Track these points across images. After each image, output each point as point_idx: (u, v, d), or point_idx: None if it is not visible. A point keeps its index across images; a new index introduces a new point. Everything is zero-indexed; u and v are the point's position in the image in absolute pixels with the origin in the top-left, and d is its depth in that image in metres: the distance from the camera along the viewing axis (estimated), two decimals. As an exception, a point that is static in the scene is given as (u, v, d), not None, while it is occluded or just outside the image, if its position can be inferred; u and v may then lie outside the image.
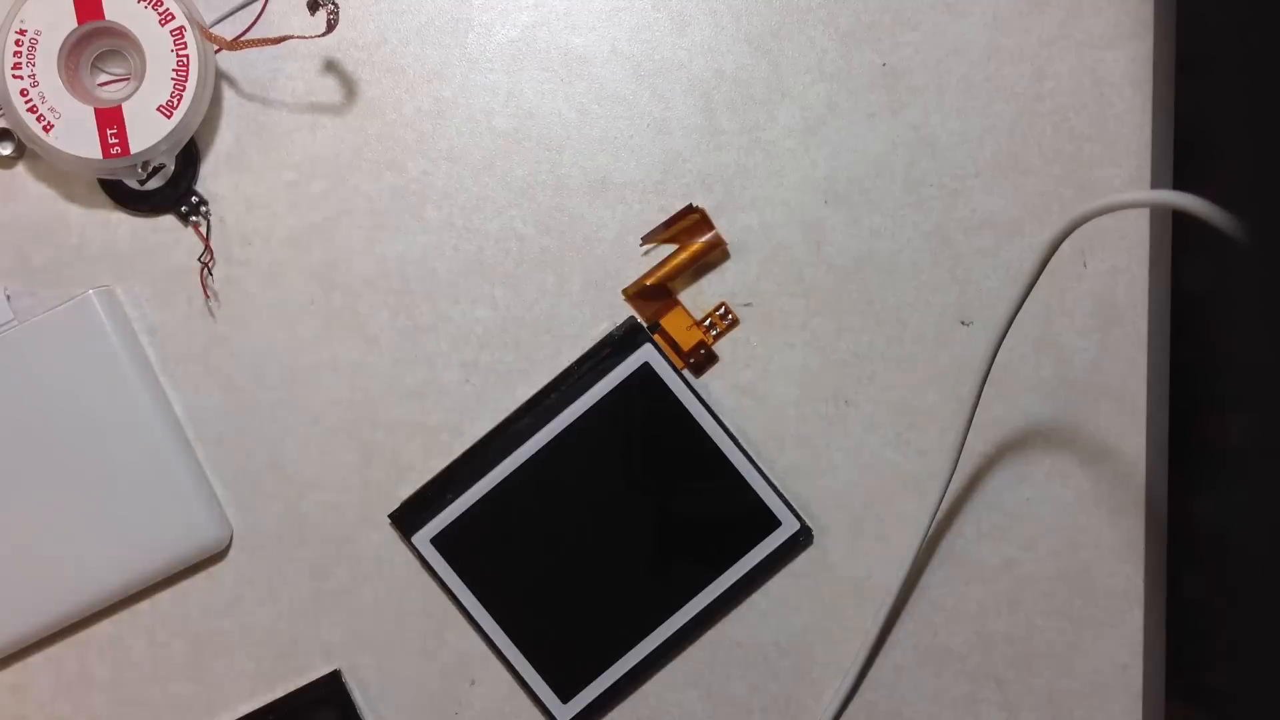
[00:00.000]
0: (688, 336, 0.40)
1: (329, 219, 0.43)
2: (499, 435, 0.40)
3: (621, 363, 0.39)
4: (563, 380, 0.39)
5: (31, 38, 0.40)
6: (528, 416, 0.40)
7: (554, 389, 0.40)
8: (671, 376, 0.39)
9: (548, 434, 0.39)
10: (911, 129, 0.43)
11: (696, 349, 0.40)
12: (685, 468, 0.39)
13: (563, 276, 0.43)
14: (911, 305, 0.43)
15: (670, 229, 0.40)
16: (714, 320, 0.41)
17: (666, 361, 0.39)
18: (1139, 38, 0.42)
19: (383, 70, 0.43)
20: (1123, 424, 0.42)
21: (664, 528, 0.39)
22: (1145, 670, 0.43)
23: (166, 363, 0.43)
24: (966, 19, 0.43)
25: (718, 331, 0.41)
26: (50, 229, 0.43)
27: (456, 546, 0.41)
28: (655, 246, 0.41)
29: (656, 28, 0.43)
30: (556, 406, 0.39)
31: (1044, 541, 0.43)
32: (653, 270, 0.40)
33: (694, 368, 0.41)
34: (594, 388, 0.39)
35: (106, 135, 0.40)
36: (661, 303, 0.40)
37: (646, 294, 0.40)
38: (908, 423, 0.43)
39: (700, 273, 0.43)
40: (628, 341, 0.39)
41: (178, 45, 0.40)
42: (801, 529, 0.39)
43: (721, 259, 0.42)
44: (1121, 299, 0.42)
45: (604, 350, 0.39)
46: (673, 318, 0.40)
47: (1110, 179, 0.43)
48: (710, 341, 0.40)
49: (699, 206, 0.39)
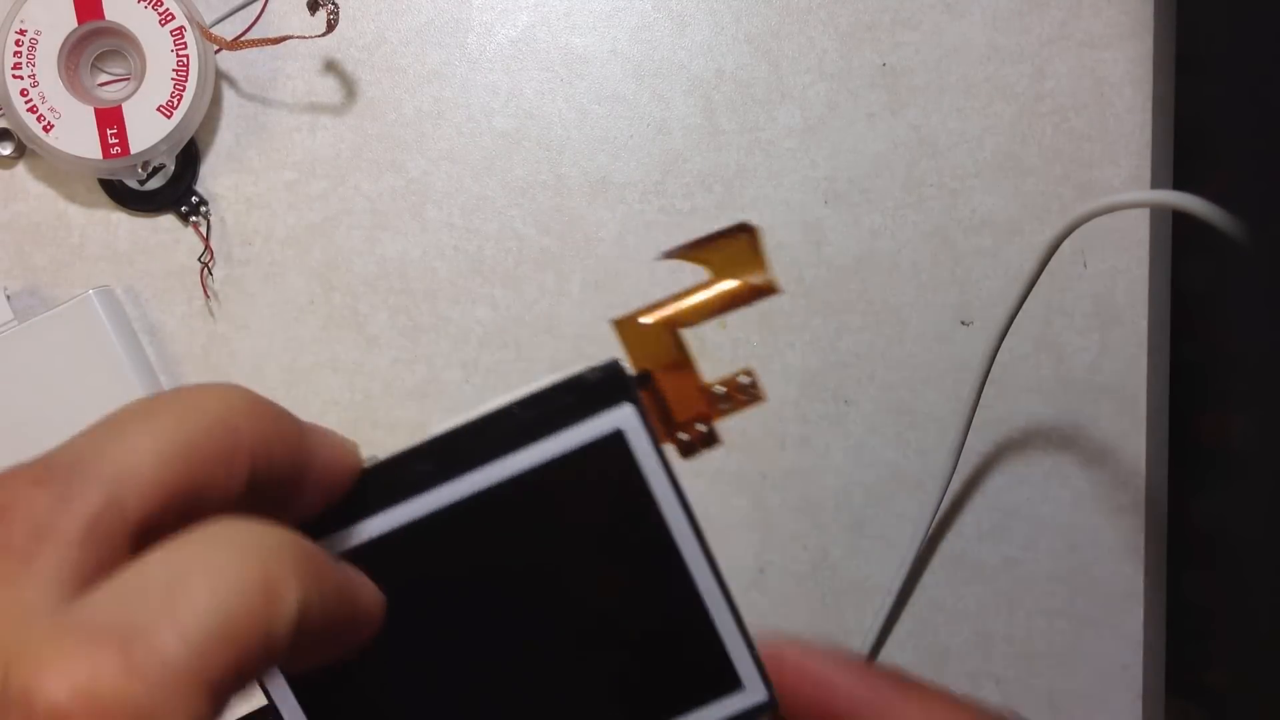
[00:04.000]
0: (687, 402, 0.28)
1: (329, 219, 0.43)
2: (381, 476, 0.24)
3: (585, 421, 0.25)
4: (494, 423, 0.25)
5: (31, 38, 0.40)
6: (427, 461, 0.24)
7: (478, 432, 0.25)
8: (649, 457, 0.25)
9: (450, 494, 0.24)
10: (911, 129, 0.43)
11: (693, 422, 0.27)
12: (634, 587, 0.26)
13: (563, 276, 0.43)
14: (911, 305, 0.43)
15: (704, 250, 0.28)
16: (731, 390, 0.27)
17: (649, 434, 0.25)
18: (1139, 37, 0.42)
19: (383, 70, 0.43)
20: (1123, 424, 0.42)
21: (585, 660, 0.26)
22: (1145, 670, 0.43)
23: (166, 362, 0.43)
24: (966, 19, 0.43)
25: (730, 405, 0.27)
26: (50, 229, 0.43)
27: None
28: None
29: (656, 28, 0.43)
30: (473, 457, 0.24)
31: (1044, 541, 0.43)
32: (665, 301, 0.27)
33: (683, 448, 0.27)
34: (535, 446, 0.25)
35: (106, 135, 0.40)
36: (664, 349, 0.27)
37: (645, 332, 0.27)
38: (908, 422, 0.43)
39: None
40: (601, 393, 0.25)
41: (178, 45, 0.40)
42: (768, 700, 0.27)
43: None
44: (1121, 299, 0.42)
45: (564, 397, 0.25)
46: (675, 374, 0.28)
47: (1110, 179, 0.43)
48: (715, 417, 0.27)
49: (754, 226, 0.27)
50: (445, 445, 0.25)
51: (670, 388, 0.27)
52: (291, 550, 0.18)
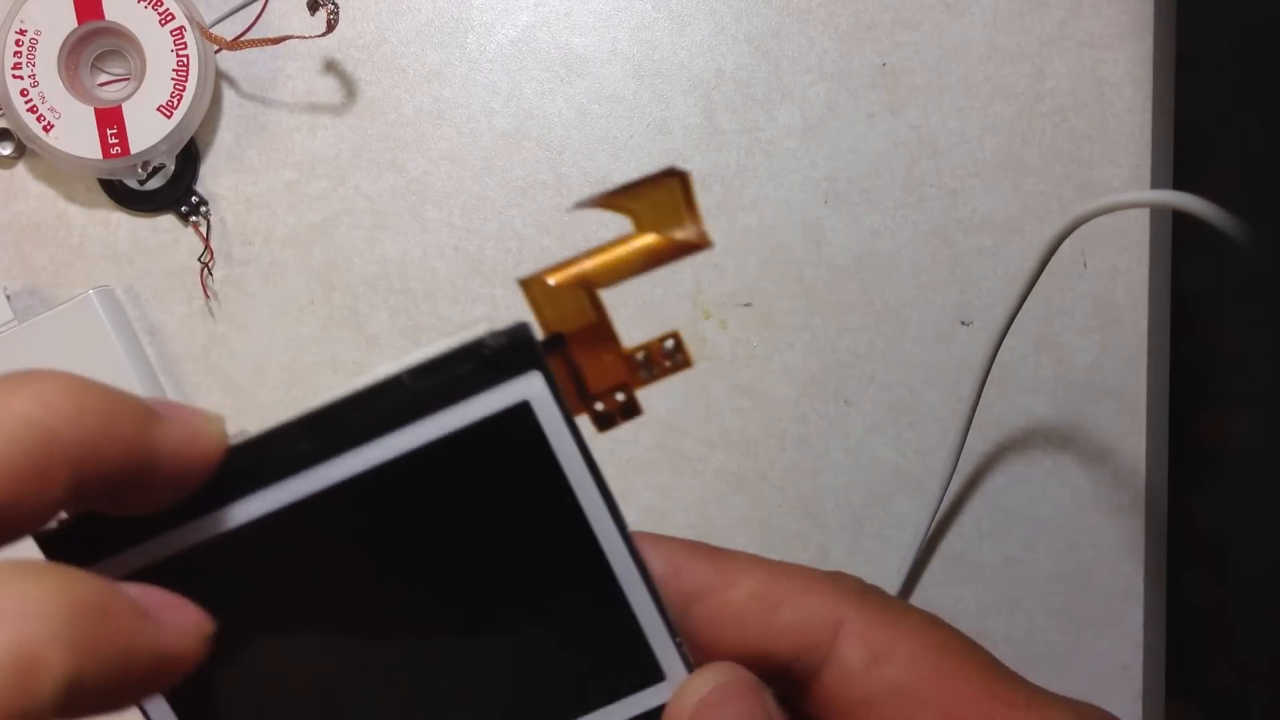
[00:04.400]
0: (603, 369, 0.24)
1: (329, 219, 0.43)
2: (251, 456, 0.22)
3: (488, 390, 0.22)
4: (380, 395, 0.22)
5: (31, 38, 0.40)
6: (304, 438, 0.22)
7: (362, 404, 0.22)
8: (560, 431, 0.22)
9: (332, 473, 0.21)
10: (911, 129, 0.43)
11: (611, 392, 0.24)
12: (544, 576, 0.23)
13: (563, 276, 0.43)
14: (911, 305, 0.43)
15: (625, 198, 0.24)
16: (653, 354, 0.24)
17: (558, 405, 0.22)
18: (1139, 37, 0.42)
19: (383, 70, 0.43)
20: (1123, 424, 0.42)
21: (488, 658, 0.23)
22: (1145, 670, 0.43)
23: (166, 362, 0.43)
24: (966, 19, 0.42)
25: (653, 372, 0.24)
26: (50, 229, 0.43)
27: None
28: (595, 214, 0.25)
29: (656, 28, 0.43)
30: (360, 432, 0.21)
31: (1044, 541, 0.43)
32: (579, 258, 0.24)
33: (598, 419, 0.24)
34: (430, 418, 0.21)
35: (106, 135, 0.40)
36: (578, 311, 0.24)
37: (555, 293, 0.24)
38: (908, 422, 0.43)
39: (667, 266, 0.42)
40: (505, 361, 0.22)
41: (178, 45, 0.40)
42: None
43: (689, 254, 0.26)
44: (1121, 299, 0.42)
45: (462, 364, 0.22)
46: (590, 337, 0.24)
47: (1110, 179, 0.43)
48: (637, 385, 0.24)
49: (684, 171, 0.23)
50: (324, 420, 0.22)
51: (585, 354, 0.24)
52: (62, 614, 0.15)
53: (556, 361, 0.23)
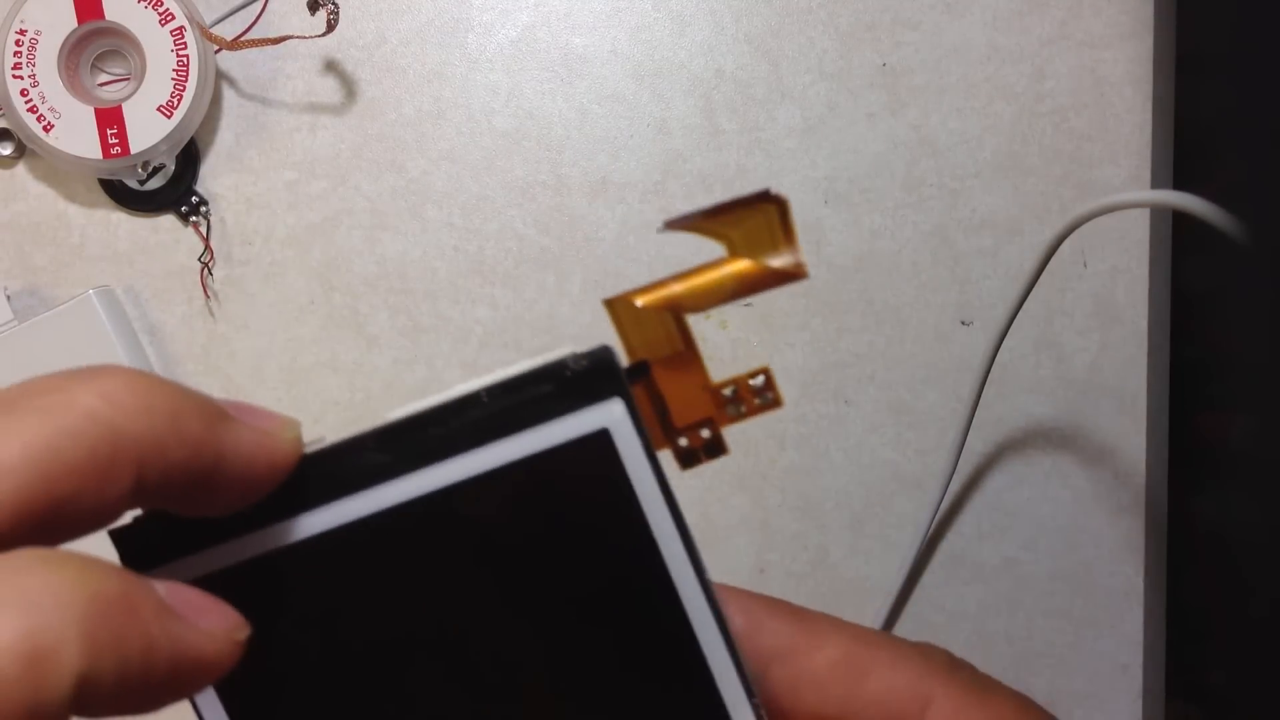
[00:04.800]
0: (689, 402, 0.23)
1: (329, 219, 0.43)
2: (326, 465, 0.21)
3: (565, 416, 0.21)
4: (458, 412, 0.21)
5: (31, 38, 0.40)
6: (380, 450, 0.21)
7: (439, 421, 0.21)
8: (640, 464, 0.21)
9: (406, 489, 0.21)
10: (911, 129, 0.43)
11: (696, 428, 0.23)
12: (615, 616, 0.21)
13: (563, 276, 0.43)
14: (911, 305, 0.43)
15: (718, 222, 0.22)
16: (742, 391, 0.23)
17: (640, 437, 0.21)
18: (1139, 37, 0.42)
19: (383, 70, 0.43)
20: (1123, 424, 0.42)
21: (553, 694, 0.22)
22: (1146, 670, 0.43)
23: (166, 362, 0.43)
24: (966, 19, 0.42)
25: (740, 410, 0.23)
26: (50, 229, 0.43)
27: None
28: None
29: (657, 28, 0.43)
30: (436, 449, 0.21)
31: (1044, 541, 0.43)
32: (669, 280, 0.23)
33: (682, 456, 0.23)
34: (506, 441, 0.21)
35: (107, 135, 0.40)
36: (664, 337, 0.23)
37: (642, 316, 0.23)
38: (908, 422, 0.43)
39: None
40: (586, 385, 0.21)
41: (178, 45, 0.40)
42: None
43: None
44: (1121, 299, 0.42)
45: (542, 386, 0.21)
46: (678, 367, 0.23)
47: (1110, 179, 0.42)
48: (723, 422, 0.23)
49: (782, 197, 0.22)
50: (400, 434, 0.21)
51: (670, 384, 0.23)
52: (79, 606, 0.15)
53: (640, 390, 0.22)
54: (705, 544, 0.43)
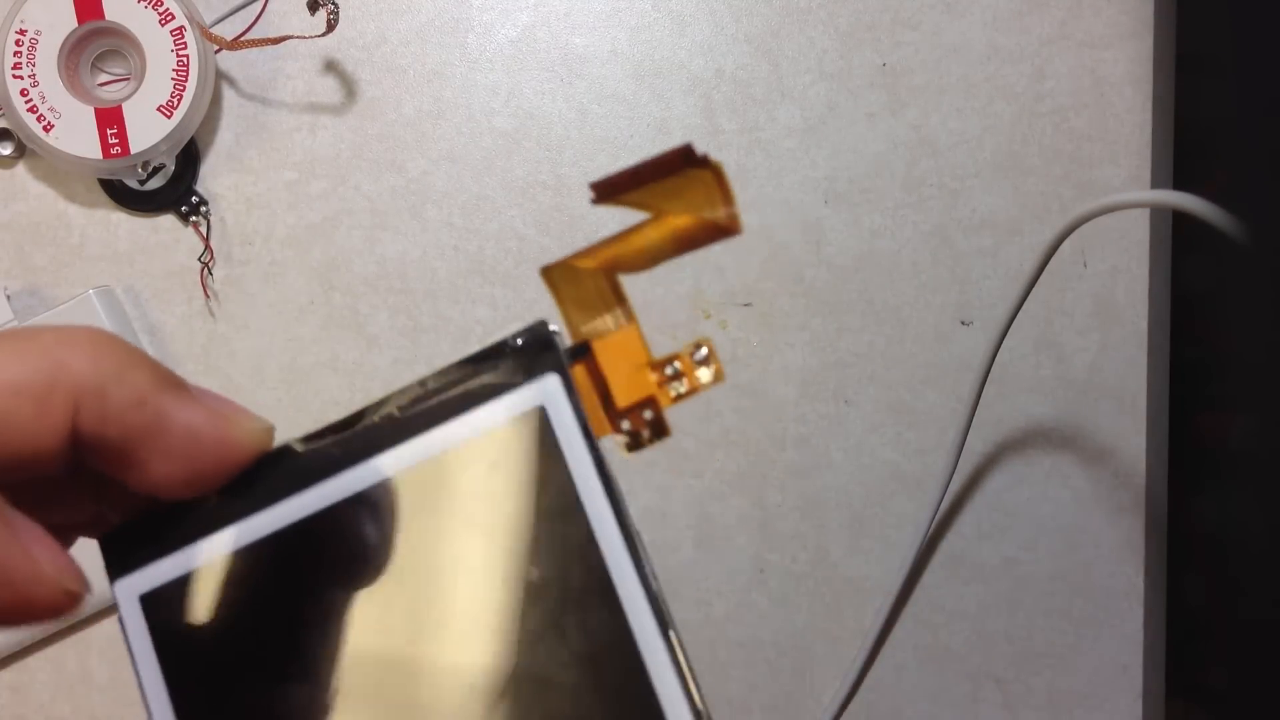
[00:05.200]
0: (632, 382, 0.22)
1: (329, 219, 0.43)
2: (280, 463, 0.22)
3: (503, 395, 0.21)
4: (404, 398, 0.22)
5: (32, 38, 0.40)
6: (335, 441, 0.22)
7: (383, 409, 0.22)
8: (577, 447, 0.20)
9: (362, 478, 0.21)
10: (911, 129, 0.43)
11: (638, 409, 0.22)
12: (552, 599, 0.20)
13: (563, 276, 0.43)
14: (911, 305, 0.43)
15: (646, 183, 0.22)
16: (684, 365, 0.22)
17: (576, 416, 0.20)
18: (1139, 37, 0.42)
19: (383, 70, 0.43)
20: (1123, 424, 0.42)
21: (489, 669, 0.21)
22: (1145, 670, 0.43)
23: (166, 362, 0.43)
24: (966, 19, 0.42)
25: (684, 390, 0.22)
26: (50, 229, 0.43)
27: (176, 623, 0.21)
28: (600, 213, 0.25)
29: (656, 28, 0.43)
30: (379, 439, 0.21)
31: (1044, 541, 0.43)
32: (600, 245, 0.22)
33: (627, 439, 0.22)
34: (445, 424, 0.21)
35: (106, 135, 0.40)
36: (601, 298, 0.22)
37: (580, 283, 0.22)
38: (908, 422, 0.43)
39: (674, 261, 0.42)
40: (524, 361, 0.21)
41: (178, 45, 0.40)
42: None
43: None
44: (1121, 299, 0.42)
45: (483, 367, 0.21)
46: (617, 341, 0.22)
47: (1110, 179, 0.42)
48: (666, 402, 0.22)
49: (713, 160, 0.21)
50: (349, 427, 0.22)
51: (611, 363, 0.22)
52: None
53: (581, 371, 0.22)
54: (704, 544, 0.43)
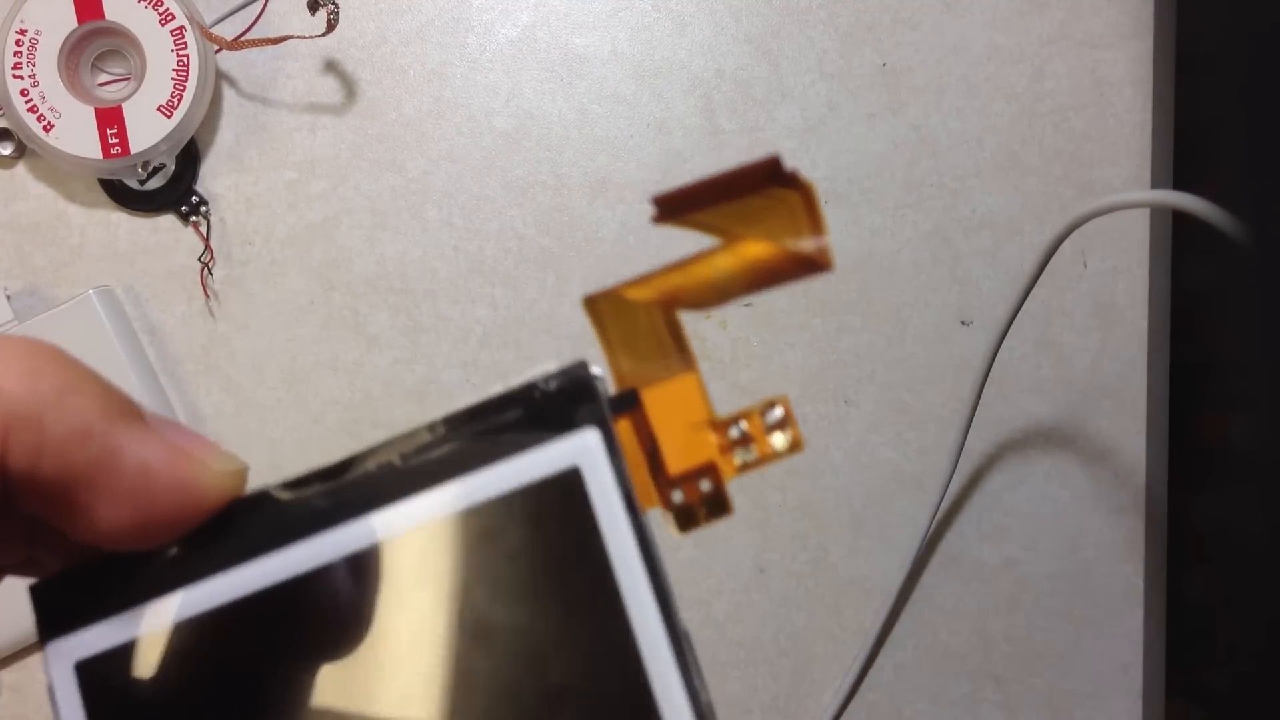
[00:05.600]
0: (688, 444, 0.18)
1: (329, 219, 0.43)
2: (254, 513, 0.18)
3: (529, 451, 0.17)
4: (408, 445, 0.17)
5: (32, 38, 0.40)
6: (322, 491, 0.17)
7: (381, 458, 0.17)
8: (617, 520, 0.17)
9: (349, 539, 0.17)
10: (911, 129, 0.42)
11: (694, 477, 0.18)
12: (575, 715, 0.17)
13: (563, 276, 0.43)
14: (911, 305, 0.43)
15: (720, 200, 0.17)
16: (753, 428, 0.18)
17: (619, 483, 0.17)
18: (1139, 37, 0.42)
19: (383, 70, 0.43)
20: (1123, 424, 0.42)
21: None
22: (1145, 670, 0.43)
23: (166, 362, 0.43)
24: (966, 19, 0.42)
25: (752, 459, 0.18)
26: (50, 229, 0.43)
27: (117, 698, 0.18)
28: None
29: (657, 28, 0.43)
30: (375, 492, 0.17)
31: (1044, 541, 0.43)
32: (659, 273, 0.18)
33: (678, 515, 0.18)
34: (456, 481, 0.17)
35: (107, 135, 0.40)
36: (657, 343, 0.18)
37: (631, 318, 0.18)
38: (908, 422, 0.43)
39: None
40: (558, 410, 0.17)
41: (178, 45, 0.40)
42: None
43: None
44: (1121, 299, 0.42)
45: (506, 414, 0.17)
46: (673, 392, 0.18)
47: (1110, 179, 0.42)
48: (729, 472, 0.18)
49: (801, 177, 0.17)
50: (340, 475, 0.17)
51: (664, 418, 0.17)
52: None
53: (626, 425, 0.18)
54: (704, 544, 0.43)
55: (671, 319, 0.18)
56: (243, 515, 0.17)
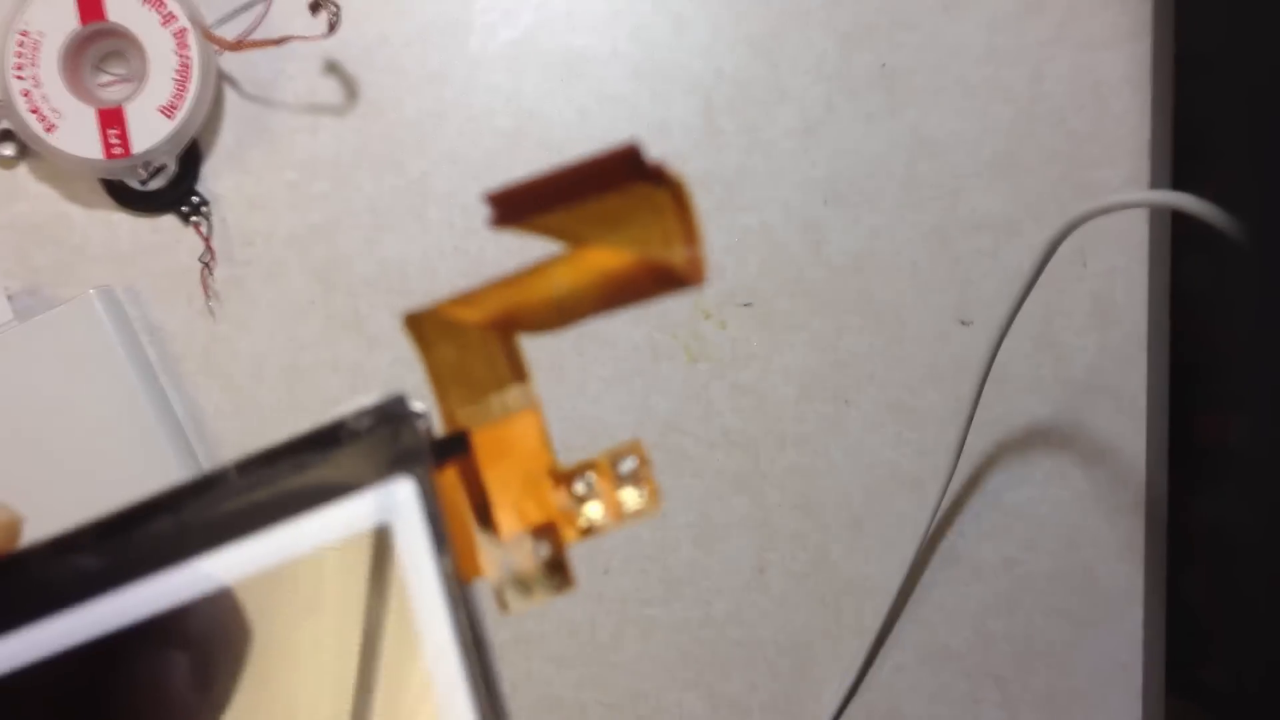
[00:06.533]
0: (525, 499, 0.14)
1: (330, 219, 0.43)
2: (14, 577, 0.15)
3: (332, 503, 0.14)
4: (197, 496, 0.14)
5: (34, 39, 0.40)
6: (92, 553, 0.15)
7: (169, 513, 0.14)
8: (430, 593, 0.13)
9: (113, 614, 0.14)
10: (910, 129, 0.43)
11: (531, 540, 0.15)
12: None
13: (563, 277, 0.43)
14: (911, 305, 0.43)
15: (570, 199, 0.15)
16: (602, 481, 0.14)
17: (435, 545, 0.14)
18: (1137, 38, 0.42)
19: (384, 71, 0.43)
20: (1122, 424, 0.42)
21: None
22: (1145, 669, 0.43)
23: (167, 363, 0.43)
24: (965, 20, 0.42)
25: (598, 520, 0.15)
26: (52, 229, 0.43)
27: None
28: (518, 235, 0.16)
29: (656, 29, 0.43)
30: (160, 553, 0.14)
31: (1044, 541, 0.43)
32: (492, 287, 0.16)
33: (506, 587, 0.14)
34: (243, 542, 0.14)
35: (108, 136, 0.40)
36: (493, 382, 0.15)
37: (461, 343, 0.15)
38: (907, 422, 0.43)
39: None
40: (369, 453, 0.15)
41: (180, 46, 0.40)
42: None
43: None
44: (1121, 299, 0.42)
45: (308, 458, 0.15)
46: (510, 435, 0.14)
47: (1109, 179, 0.42)
48: (570, 535, 0.14)
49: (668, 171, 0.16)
50: (113, 533, 0.15)
51: (497, 468, 0.14)
52: None
53: (451, 475, 0.14)
54: (704, 543, 0.43)
55: (509, 344, 0.15)
56: (3, 578, 0.15)
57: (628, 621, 0.43)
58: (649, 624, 0.43)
